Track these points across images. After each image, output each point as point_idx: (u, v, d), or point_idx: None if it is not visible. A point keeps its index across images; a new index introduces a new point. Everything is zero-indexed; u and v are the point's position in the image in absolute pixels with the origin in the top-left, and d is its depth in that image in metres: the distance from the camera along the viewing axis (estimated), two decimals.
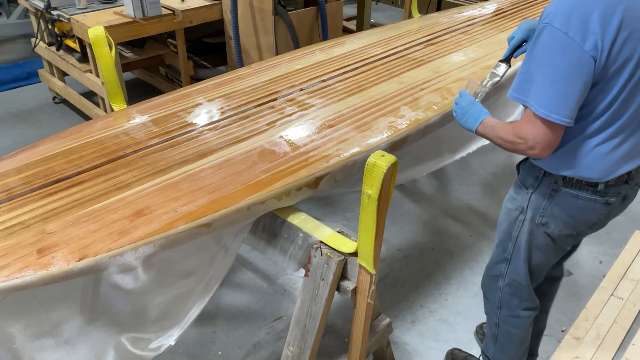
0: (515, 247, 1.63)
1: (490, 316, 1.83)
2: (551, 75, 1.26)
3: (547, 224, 1.53)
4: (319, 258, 1.35)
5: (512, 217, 1.61)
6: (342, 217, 2.90)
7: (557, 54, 1.25)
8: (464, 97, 1.56)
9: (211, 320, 2.26)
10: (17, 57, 4.71)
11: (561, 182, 1.47)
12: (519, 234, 1.60)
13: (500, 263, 1.70)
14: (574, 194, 1.46)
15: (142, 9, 3.03)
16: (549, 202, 1.51)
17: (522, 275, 1.66)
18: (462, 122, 1.53)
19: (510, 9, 2.94)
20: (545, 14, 1.29)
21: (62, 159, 1.49)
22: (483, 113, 1.51)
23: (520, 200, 1.58)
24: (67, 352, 1.26)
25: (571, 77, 1.25)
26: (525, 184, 1.56)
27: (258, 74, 2.09)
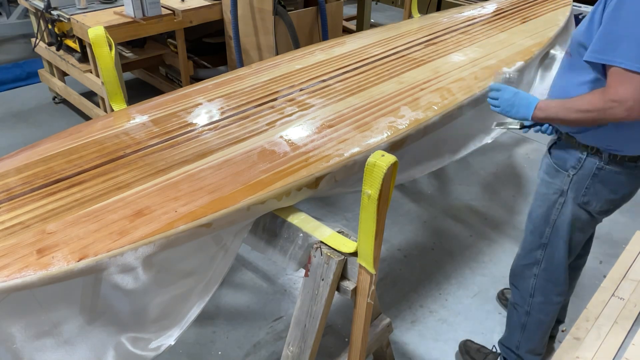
0: (554, 230, 1.64)
1: (520, 305, 1.83)
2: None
3: (589, 202, 1.55)
4: (319, 258, 1.35)
5: (550, 201, 1.62)
6: (342, 217, 2.90)
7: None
8: (504, 89, 1.55)
9: (211, 320, 2.26)
10: (17, 57, 4.71)
11: (606, 160, 1.48)
12: (558, 216, 1.61)
13: (535, 250, 1.71)
14: (617, 170, 1.49)
15: (142, 9, 3.03)
16: (592, 181, 1.52)
17: (561, 257, 1.68)
18: (513, 114, 1.52)
19: (510, 9, 2.94)
20: None
21: (62, 159, 1.49)
22: (532, 99, 1.50)
23: (559, 183, 1.58)
24: (67, 352, 1.26)
25: None
26: (564, 167, 1.56)
27: (258, 74, 2.09)
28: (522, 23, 2.71)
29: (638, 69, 1.24)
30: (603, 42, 1.30)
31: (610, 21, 1.29)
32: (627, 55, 1.25)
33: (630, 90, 1.26)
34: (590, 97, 1.35)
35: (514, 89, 1.54)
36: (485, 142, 2.24)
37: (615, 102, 1.29)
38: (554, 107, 1.45)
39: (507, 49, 2.35)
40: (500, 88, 1.57)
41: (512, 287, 1.87)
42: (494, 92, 1.59)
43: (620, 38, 1.26)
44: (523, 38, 2.48)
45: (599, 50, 1.31)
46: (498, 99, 1.56)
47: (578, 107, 1.38)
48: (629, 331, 2.18)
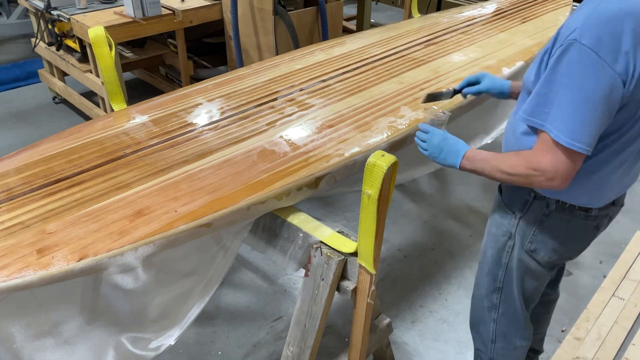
0: (507, 274, 1.52)
1: (483, 352, 1.71)
2: (577, 99, 1.12)
3: (536, 251, 1.44)
4: (319, 258, 1.35)
5: (499, 243, 1.50)
6: (342, 217, 2.90)
7: (586, 75, 1.11)
8: (432, 133, 1.44)
9: (211, 320, 2.26)
10: (17, 57, 4.71)
11: (553, 207, 1.36)
12: (509, 260, 1.49)
13: (491, 293, 1.59)
14: (566, 219, 1.37)
15: (142, 9, 3.03)
16: (539, 228, 1.41)
17: (517, 303, 1.56)
18: (440, 161, 1.41)
19: (510, 9, 2.94)
20: (567, 29, 1.15)
21: (62, 159, 1.49)
22: (461, 146, 1.39)
23: (507, 224, 1.47)
24: (67, 352, 1.26)
25: (599, 101, 1.12)
26: (511, 208, 1.45)
27: (258, 74, 2.09)
28: (522, 23, 2.71)
29: (565, 143, 1.14)
30: (534, 103, 1.20)
31: (544, 82, 1.17)
32: (557, 124, 1.15)
33: (552, 162, 1.18)
34: (515, 160, 1.26)
35: (443, 134, 1.42)
36: (485, 142, 2.24)
37: (537, 170, 1.20)
38: (480, 161, 1.33)
39: (507, 49, 2.35)
40: (428, 131, 1.45)
41: (473, 332, 1.74)
42: (422, 134, 1.47)
43: (552, 104, 1.16)
44: (523, 38, 2.48)
45: (530, 112, 1.21)
46: (426, 142, 1.44)
47: (502, 168, 1.28)
48: (629, 331, 2.18)
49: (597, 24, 1.11)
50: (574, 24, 1.13)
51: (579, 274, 2.55)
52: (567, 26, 1.16)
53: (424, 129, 1.46)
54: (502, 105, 2.22)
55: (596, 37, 1.10)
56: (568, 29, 1.14)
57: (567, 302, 2.36)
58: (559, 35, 1.18)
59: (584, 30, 1.11)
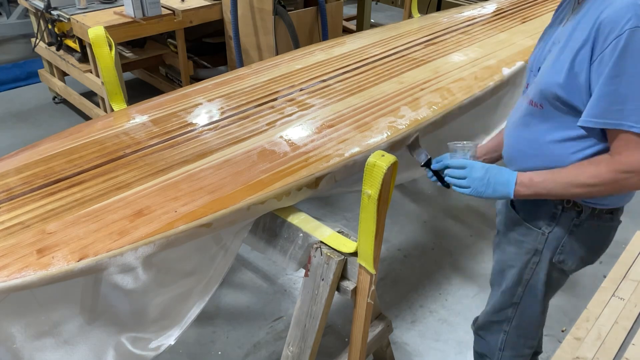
0: (527, 290, 1.47)
1: (489, 357, 1.69)
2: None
3: (564, 261, 1.40)
4: (319, 258, 1.35)
5: (522, 262, 1.44)
6: (342, 217, 2.90)
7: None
8: (471, 166, 1.32)
9: (211, 320, 2.26)
10: (17, 57, 4.71)
11: (586, 215, 1.31)
12: (531, 276, 1.44)
13: (506, 309, 1.55)
14: (595, 224, 1.33)
15: (142, 9, 3.03)
16: (569, 238, 1.35)
17: (535, 315, 1.53)
18: (488, 195, 1.30)
19: (510, 9, 2.94)
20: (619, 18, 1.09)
21: (62, 159, 1.49)
22: (507, 173, 1.29)
23: (532, 242, 1.40)
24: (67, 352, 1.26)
25: None
26: (535, 224, 1.38)
27: (258, 74, 2.09)
28: (522, 23, 2.71)
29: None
30: (604, 104, 1.12)
31: (610, 79, 1.10)
32: (637, 117, 1.08)
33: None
34: (595, 169, 1.17)
35: (483, 165, 1.31)
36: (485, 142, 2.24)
37: (629, 172, 1.12)
38: (542, 183, 1.24)
39: (507, 49, 2.35)
40: (465, 165, 1.33)
41: (478, 337, 1.71)
42: (457, 171, 1.35)
43: (625, 98, 1.09)
44: (523, 38, 2.48)
45: (600, 114, 1.13)
46: (466, 177, 1.33)
47: (581, 181, 1.18)
48: (629, 331, 2.18)
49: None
50: (623, 13, 1.08)
51: (579, 274, 2.54)
52: (611, 18, 1.09)
53: (459, 165, 1.34)
54: (502, 105, 2.22)
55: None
56: (617, 20, 1.08)
57: (567, 302, 2.36)
58: (600, 29, 1.11)
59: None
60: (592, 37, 1.12)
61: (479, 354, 1.76)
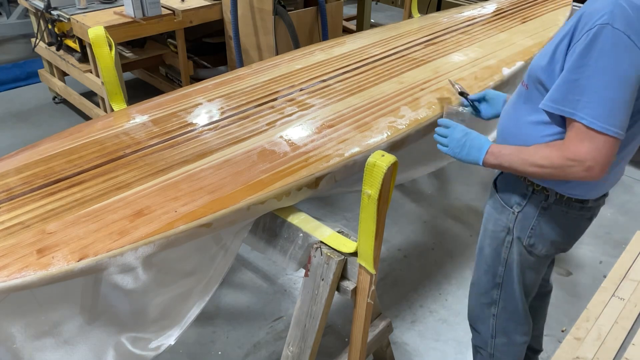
0: (507, 270, 1.52)
1: (483, 348, 1.71)
2: (612, 82, 1.11)
3: (534, 245, 1.44)
4: (319, 258, 1.35)
5: (498, 240, 1.50)
6: (342, 217, 2.90)
7: (620, 58, 1.10)
8: (453, 128, 1.40)
9: (211, 320, 2.26)
10: (17, 57, 4.71)
11: (552, 199, 1.36)
12: (508, 255, 1.50)
13: (491, 290, 1.59)
14: (563, 211, 1.37)
15: (142, 9, 3.03)
16: (537, 221, 1.41)
17: (517, 298, 1.56)
18: (462, 157, 1.39)
19: (510, 9, 2.94)
20: (593, 15, 1.14)
21: (62, 159, 1.49)
22: (484, 141, 1.36)
23: (505, 220, 1.46)
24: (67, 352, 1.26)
25: (631, 85, 1.12)
26: (509, 203, 1.45)
27: (258, 74, 2.09)
28: (522, 23, 2.71)
29: (600, 128, 1.12)
30: (563, 91, 1.16)
31: (574, 69, 1.14)
32: (590, 111, 1.13)
33: (590, 150, 1.14)
34: (548, 152, 1.23)
35: (465, 128, 1.39)
36: None
37: (573, 161, 1.17)
38: (507, 155, 1.31)
39: (507, 49, 2.35)
40: (449, 125, 1.41)
41: (472, 329, 1.74)
42: (442, 129, 1.43)
43: (584, 90, 1.13)
44: (523, 38, 2.48)
45: (559, 100, 1.17)
46: (447, 137, 1.41)
47: (534, 161, 1.25)
48: (629, 331, 2.18)
49: (627, 9, 1.11)
50: (601, 9, 1.12)
51: (579, 274, 2.55)
52: (590, 12, 1.14)
53: (445, 124, 1.42)
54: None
55: (627, 21, 1.10)
56: (594, 14, 1.13)
57: (567, 302, 2.36)
58: (579, 21, 1.16)
59: (615, 15, 1.10)
60: (572, 28, 1.17)
61: (475, 348, 1.78)
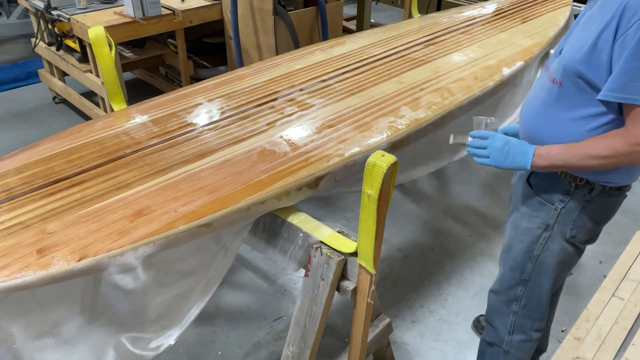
0: (537, 266, 1.53)
1: (498, 345, 1.72)
2: None
3: (576, 236, 1.46)
4: (319, 258, 1.35)
5: (533, 236, 1.50)
6: (342, 217, 2.90)
7: None
8: (492, 137, 1.38)
9: (211, 320, 2.26)
10: (17, 57, 4.71)
11: (597, 192, 1.38)
12: (541, 251, 1.50)
13: (515, 286, 1.60)
14: (605, 200, 1.40)
15: (142, 9, 3.03)
16: (580, 214, 1.43)
17: (544, 293, 1.57)
18: (507, 164, 1.36)
19: (510, 9, 2.94)
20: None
21: (62, 159, 1.49)
22: (526, 145, 1.36)
23: (544, 217, 1.47)
24: (67, 352, 1.26)
25: None
26: (550, 200, 1.45)
27: (258, 74, 2.09)
28: (522, 23, 2.71)
29: None
30: (625, 79, 1.18)
31: (632, 57, 1.16)
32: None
33: None
34: (611, 141, 1.23)
35: (504, 136, 1.39)
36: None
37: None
38: (558, 154, 1.30)
39: (507, 49, 2.35)
40: (487, 136, 1.40)
41: (488, 325, 1.75)
42: (478, 141, 1.41)
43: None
44: (523, 38, 2.48)
45: (620, 89, 1.19)
46: (487, 147, 1.38)
47: (596, 153, 1.24)
48: (629, 331, 2.18)
49: None
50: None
51: (579, 274, 2.55)
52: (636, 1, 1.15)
53: (482, 135, 1.41)
54: (502, 105, 2.22)
55: None
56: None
57: (567, 302, 2.36)
58: (625, 10, 1.17)
59: None
60: (617, 17, 1.18)
61: (488, 343, 1.78)
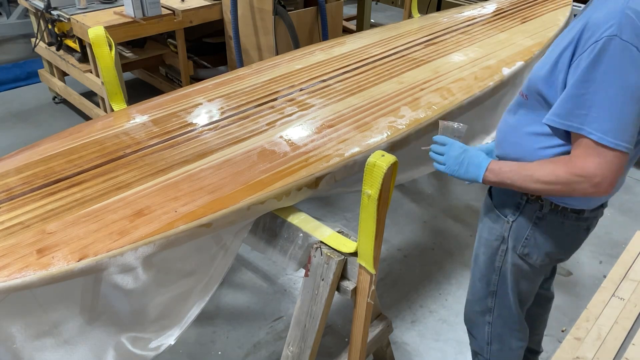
0: (501, 278, 1.50)
1: (480, 354, 1.70)
2: (621, 96, 1.08)
3: (529, 254, 1.42)
4: (319, 258, 1.35)
5: (492, 248, 1.48)
6: (342, 217, 2.90)
7: (629, 71, 1.07)
8: (450, 145, 1.36)
9: (211, 320, 2.26)
10: (17, 57, 4.71)
11: (547, 209, 1.33)
12: (502, 264, 1.48)
13: (485, 298, 1.57)
14: (559, 221, 1.34)
15: (142, 9, 3.03)
16: (532, 231, 1.38)
17: (511, 305, 1.54)
18: (460, 174, 1.34)
19: (510, 9, 2.94)
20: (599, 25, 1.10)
21: (62, 159, 1.49)
22: (482, 158, 1.32)
23: (499, 229, 1.44)
24: (67, 352, 1.26)
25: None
26: (503, 212, 1.42)
27: (258, 74, 2.09)
28: (522, 23, 2.71)
29: (610, 144, 1.09)
30: (569, 106, 1.13)
31: (580, 83, 1.11)
32: (598, 125, 1.09)
33: (599, 166, 1.11)
34: (553, 168, 1.19)
35: (462, 145, 1.35)
36: (485, 142, 2.24)
37: (581, 177, 1.13)
38: (508, 172, 1.27)
39: (507, 49, 2.35)
40: (446, 142, 1.37)
41: (469, 334, 1.72)
42: (438, 147, 1.38)
43: (592, 104, 1.10)
44: (523, 38, 2.48)
45: (564, 115, 1.14)
46: (444, 154, 1.36)
47: (538, 177, 1.21)
48: (629, 331, 2.18)
49: (635, 20, 1.07)
50: (607, 20, 1.09)
51: (579, 274, 2.55)
52: (596, 22, 1.10)
53: (441, 141, 1.39)
54: (502, 104, 2.22)
55: (636, 32, 1.07)
56: (600, 25, 1.09)
57: (567, 302, 2.36)
58: (584, 31, 1.12)
59: (623, 25, 1.07)
60: (576, 38, 1.14)
61: (473, 352, 1.77)
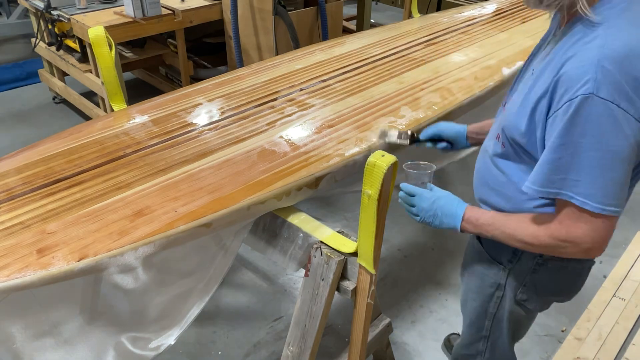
0: (495, 323, 1.42)
1: None
2: (603, 160, 0.98)
3: (527, 300, 1.33)
4: (319, 258, 1.34)
5: (485, 295, 1.39)
6: (342, 217, 2.90)
7: (611, 132, 0.96)
8: (419, 196, 1.28)
9: (211, 320, 2.26)
10: (17, 57, 4.71)
11: (548, 255, 1.23)
12: (497, 309, 1.39)
13: (476, 342, 1.49)
14: (559, 265, 1.26)
15: (142, 9, 3.03)
16: (532, 277, 1.29)
17: (505, 349, 1.47)
18: (437, 226, 1.27)
19: (510, 9, 2.94)
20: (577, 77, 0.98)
21: (62, 159, 1.49)
22: (456, 206, 1.25)
23: (494, 276, 1.34)
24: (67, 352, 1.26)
25: (627, 158, 0.98)
26: (498, 258, 1.32)
27: (258, 74, 2.09)
28: (522, 23, 2.71)
29: (594, 209, 1.00)
30: (547, 172, 1.04)
31: (557, 147, 1.01)
32: (580, 190, 1.01)
33: (586, 232, 1.03)
34: (536, 230, 1.11)
35: (431, 195, 1.27)
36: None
37: (567, 242, 1.07)
38: (486, 226, 1.20)
39: (507, 49, 2.35)
40: (414, 193, 1.28)
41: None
42: (407, 198, 1.30)
43: (569, 168, 1.01)
44: (523, 38, 2.48)
45: (543, 183, 1.05)
46: (415, 206, 1.28)
47: (520, 237, 1.14)
48: (630, 331, 2.18)
49: (612, 72, 0.95)
50: (582, 73, 0.97)
51: None
52: (570, 75, 0.99)
53: (409, 191, 1.30)
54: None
55: (614, 87, 0.95)
56: (575, 80, 0.98)
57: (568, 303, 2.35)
58: (559, 83, 1.02)
59: (600, 81, 0.95)
60: (550, 89, 1.04)
61: None
